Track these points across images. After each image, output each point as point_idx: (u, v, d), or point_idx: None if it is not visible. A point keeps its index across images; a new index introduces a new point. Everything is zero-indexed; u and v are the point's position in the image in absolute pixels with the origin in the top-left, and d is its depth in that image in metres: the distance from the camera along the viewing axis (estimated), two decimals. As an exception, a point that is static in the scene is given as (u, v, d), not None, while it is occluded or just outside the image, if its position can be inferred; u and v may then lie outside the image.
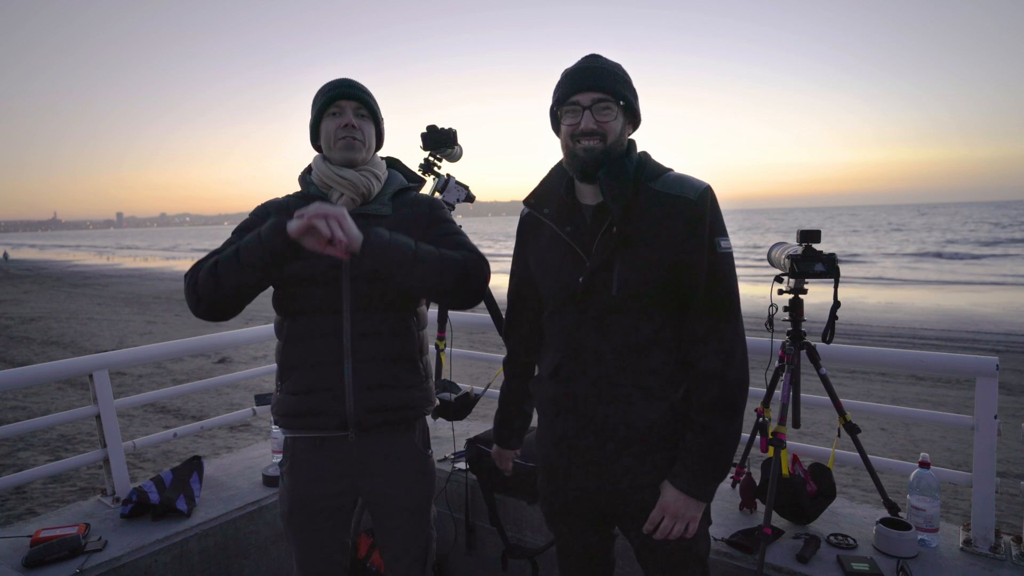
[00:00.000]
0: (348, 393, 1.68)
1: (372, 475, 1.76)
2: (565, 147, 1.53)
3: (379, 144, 1.83)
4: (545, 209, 1.59)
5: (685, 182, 1.49)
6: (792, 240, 2.33)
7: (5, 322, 13.69)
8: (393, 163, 1.93)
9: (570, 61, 1.54)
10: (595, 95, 1.46)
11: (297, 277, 1.68)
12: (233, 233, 1.73)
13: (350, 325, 1.68)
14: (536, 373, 1.73)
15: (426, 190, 2.84)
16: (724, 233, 1.49)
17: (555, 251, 1.57)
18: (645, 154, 1.56)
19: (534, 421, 1.81)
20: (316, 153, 1.81)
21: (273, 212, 1.75)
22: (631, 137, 1.57)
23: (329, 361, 1.68)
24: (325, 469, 1.74)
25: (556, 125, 1.56)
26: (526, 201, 1.64)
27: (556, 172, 1.62)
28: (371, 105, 1.74)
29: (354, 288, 1.67)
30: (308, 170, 1.80)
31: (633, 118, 1.55)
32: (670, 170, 1.54)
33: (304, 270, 1.67)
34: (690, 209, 1.45)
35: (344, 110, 1.70)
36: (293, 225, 1.46)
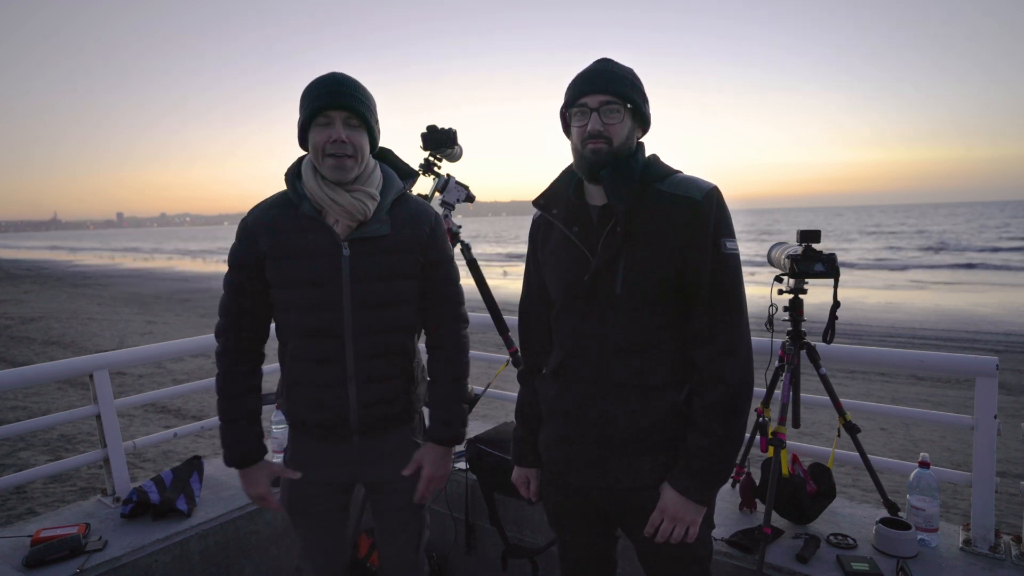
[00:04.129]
0: (352, 410, 1.71)
1: (371, 462, 1.79)
2: (575, 149, 1.54)
3: (373, 148, 1.69)
4: (554, 210, 1.61)
5: (691, 183, 1.49)
6: (791, 239, 2.33)
7: (5, 322, 13.69)
8: (384, 155, 1.81)
9: (570, 62, 1.55)
10: (603, 98, 1.46)
11: (298, 303, 1.67)
12: (229, 270, 1.70)
13: (353, 349, 1.67)
14: (543, 371, 1.73)
15: (426, 190, 2.84)
16: (731, 234, 1.49)
17: (563, 251, 1.58)
18: (654, 156, 1.57)
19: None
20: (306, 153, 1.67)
21: (265, 234, 1.64)
22: (641, 140, 1.58)
23: (333, 383, 1.69)
24: (324, 457, 1.78)
25: (566, 127, 1.57)
26: (535, 202, 1.64)
27: (565, 174, 1.63)
28: (363, 113, 1.59)
29: (355, 315, 1.66)
30: (297, 173, 1.68)
31: (642, 121, 1.55)
32: (678, 172, 1.54)
33: (305, 298, 1.66)
34: (695, 209, 1.45)
35: (333, 121, 1.56)
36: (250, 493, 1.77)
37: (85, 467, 4.73)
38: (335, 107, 1.56)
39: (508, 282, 21.46)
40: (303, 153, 1.70)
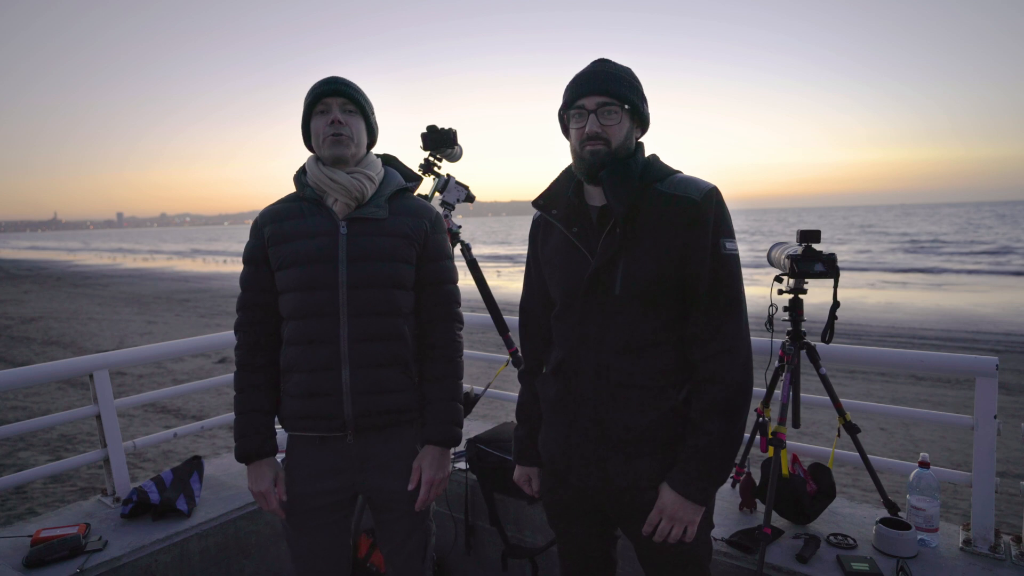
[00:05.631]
0: (346, 398, 1.69)
1: (371, 470, 1.77)
2: (573, 151, 1.54)
3: (372, 141, 1.81)
4: (553, 211, 1.61)
5: (691, 183, 1.49)
6: (792, 239, 2.33)
7: (5, 322, 13.69)
8: (389, 160, 1.91)
9: (571, 63, 1.56)
10: (600, 99, 1.47)
11: (295, 282, 1.69)
12: (244, 267, 1.78)
13: (347, 330, 1.68)
14: (543, 371, 1.73)
15: (426, 190, 2.84)
16: (730, 235, 1.49)
17: (563, 252, 1.59)
18: (654, 156, 1.57)
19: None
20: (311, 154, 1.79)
21: (269, 223, 1.74)
22: (640, 140, 1.58)
23: (327, 366, 1.69)
24: (324, 466, 1.76)
25: (565, 129, 1.57)
26: (535, 203, 1.64)
27: (565, 175, 1.64)
28: (359, 101, 1.71)
29: (350, 294, 1.68)
30: (303, 171, 1.78)
31: (641, 122, 1.55)
32: (678, 172, 1.54)
33: (301, 277, 1.68)
34: (694, 210, 1.46)
35: (330, 107, 1.68)
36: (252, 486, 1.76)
37: (85, 467, 4.73)
38: (331, 94, 1.69)
39: (502, 282, 21.48)
40: (305, 156, 1.81)
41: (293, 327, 1.72)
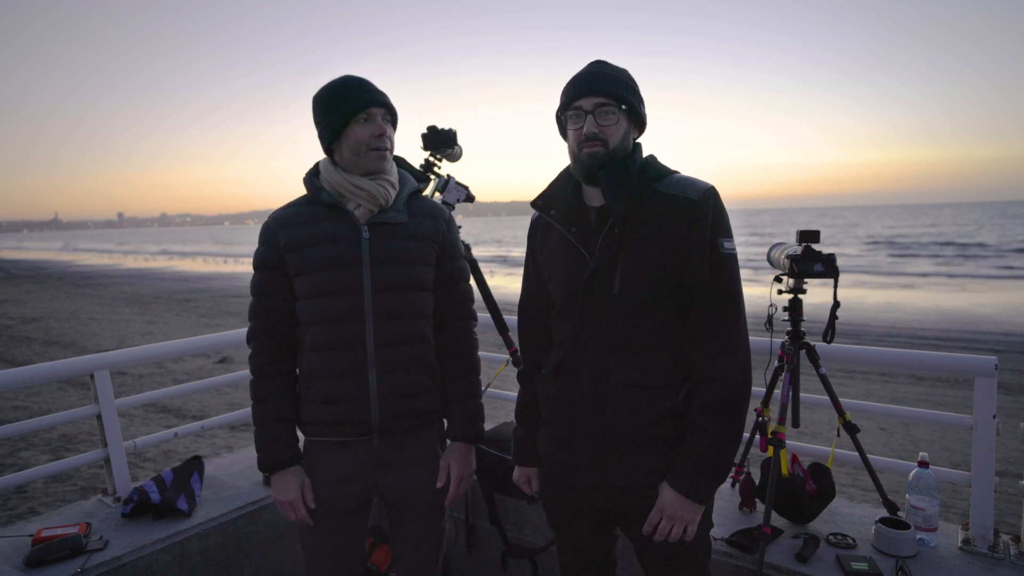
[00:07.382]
0: (373, 402, 1.68)
1: (391, 473, 1.76)
2: (571, 152, 1.54)
3: None
4: (552, 211, 1.61)
5: (689, 183, 1.50)
6: (792, 240, 2.33)
7: (6, 322, 13.70)
8: (399, 162, 1.91)
9: (572, 64, 1.54)
10: (597, 100, 1.47)
11: (318, 288, 1.67)
12: (255, 273, 1.74)
13: (373, 335, 1.67)
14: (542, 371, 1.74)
15: (427, 190, 2.84)
16: (728, 234, 1.49)
17: (562, 252, 1.59)
18: (652, 157, 1.58)
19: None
20: (324, 155, 1.74)
21: (283, 228, 1.70)
22: (638, 141, 1.59)
23: (354, 371, 1.68)
24: (344, 469, 1.74)
25: (563, 130, 1.58)
26: (534, 203, 1.65)
27: (563, 175, 1.64)
28: (395, 110, 1.71)
29: (376, 298, 1.67)
30: (315, 173, 1.74)
31: (638, 122, 1.56)
32: (676, 172, 1.55)
33: (325, 282, 1.67)
34: (693, 210, 1.46)
35: (375, 117, 1.65)
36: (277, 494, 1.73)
37: (86, 467, 4.74)
38: (375, 104, 1.65)
39: (500, 281, 21.48)
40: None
41: (316, 333, 1.70)
